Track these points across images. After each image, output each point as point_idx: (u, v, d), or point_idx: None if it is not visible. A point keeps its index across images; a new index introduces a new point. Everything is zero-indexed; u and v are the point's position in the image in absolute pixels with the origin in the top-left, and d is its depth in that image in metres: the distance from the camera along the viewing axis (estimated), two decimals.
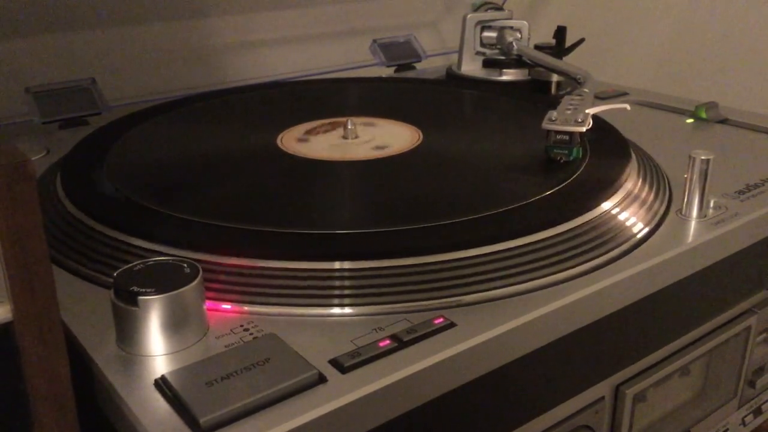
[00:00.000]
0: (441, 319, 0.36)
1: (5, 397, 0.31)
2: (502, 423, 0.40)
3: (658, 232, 0.46)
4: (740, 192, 0.52)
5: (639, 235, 0.45)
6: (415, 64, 0.96)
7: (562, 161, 0.52)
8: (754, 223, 0.49)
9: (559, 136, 0.52)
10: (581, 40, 0.84)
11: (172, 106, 0.70)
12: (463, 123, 0.67)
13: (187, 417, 0.30)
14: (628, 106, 0.57)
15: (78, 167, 0.53)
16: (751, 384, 0.58)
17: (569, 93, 0.60)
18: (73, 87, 0.73)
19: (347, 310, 0.38)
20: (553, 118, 0.52)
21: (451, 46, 1.01)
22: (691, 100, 0.74)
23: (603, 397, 0.46)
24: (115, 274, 0.35)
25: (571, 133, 0.52)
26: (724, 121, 0.68)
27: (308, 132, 0.61)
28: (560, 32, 0.84)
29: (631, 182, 0.50)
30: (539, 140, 0.53)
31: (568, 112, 0.53)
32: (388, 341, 0.35)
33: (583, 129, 0.51)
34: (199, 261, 0.37)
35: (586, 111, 0.53)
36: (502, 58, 0.83)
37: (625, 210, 0.47)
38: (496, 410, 0.39)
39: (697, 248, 0.45)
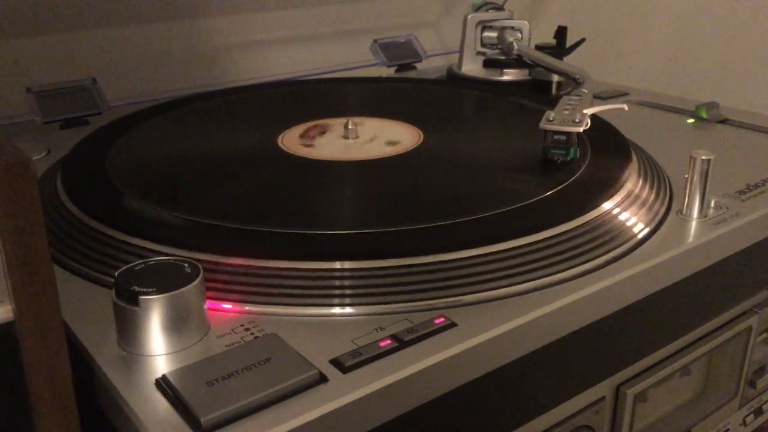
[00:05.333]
0: (442, 319, 0.36)
1: (6, 397, 0.31)
2: (502, 423, 0.40)
3: (658, 232, 0.46)
4: (741, 192, 0.52)
5: (639, 235, 0.45)
6: (415, 64, 0.96)
7: (559, 161, 0.52)
8: (754, 223, 0.49)
9: (556, 137, 0.52)
10: (582, 40, 0.84)
11: (172, 106, 0.70)
12: (463, 123, 0.67)
13: (188, 416, 0.30)
14: (625, 107, 0.57)
15: (79, 167, 0.53)
16: (752, 384, 0.58)
17: (568, 93, 0.60)
18: (74, 87, 0.73)
19: (348, 309, 0.38)
20: (551, 119, 0.52)
21: (451, 46, 1.01)
22: (691, 100, 0.74)
23: (603, 397, 0.46)
24: (116, 274, 0.35)
25: (568, 134, 0.52)
26: (724, 121, 0.68)
27: (302, 136, 0.60)
28: (561, 32, 0.84)
29: (632, 182, 0.50)
30: (540, 140, 0.53)
31: (566, 112, 0.53)
32: (388, 341, 0.35)
33: (581, 129, 0.51)
34: (199, 261, 0.37)
35: (584, 111, 0.53)
36: (503, 58, 0.83)
37: (625, 210, 0.47)
38: (496, 410, 0.39)
39: (698, 248, 0.45)
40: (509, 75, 0.82)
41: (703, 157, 0.46)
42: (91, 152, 0.56)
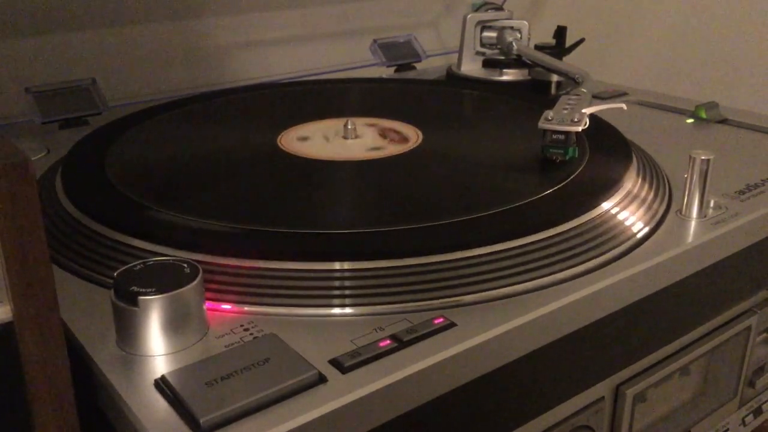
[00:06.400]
0: (441, 319, 0.36)
1: (5, 397, 0.31)
2: (502, 423, 0.40)
3: (658, 232, 0.46)
4: (740, 192, 0.52)
5: (639, 235, 0.45)
6: (415, 64, 0.96)
7: (558, 161, 0.52)
8: (754, 223, 0.49)
9: (555, 136, 0.52)
10: (581, 40, 0.84)
11: (172, 106, 0.70)
12: (463, 123, 0.67)
13: (187, 417, 0.30)
14: (624, 106, 0.57)
15: (78, 167, 0.53)
16: (751, 384, 0.58)
17: (567, 93, 0.60)
18: (73, 87, 0.73)
19: (347, 310, 0.38)
20: (550, 118, 0.52)
21: (451, 46, 1.01)
22: (691, 100, 0.74)
23: (603, 397, 0.46)
24: (115, 274, 0.35)
25: (566, 133, 0.52)
26: (724, 121, 0.68)
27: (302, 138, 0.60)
28: (560, 32, 0.84)
29: (631, 182, 0.50)
30: (539, 140, 0.53)
31: (565, 111, 0.53)
32: (388, 341, 0.35)
33: (579, 129, 0.51)
34: (199, 261, 0.37)
35: (583, 111, 0.53)
36: (502, 58, 0.83)
37: (625, 210, 0.47)
38: (496, 410, 0.39)
39: (697, 248, 0.45)
40: (509, 75, 0.82)
41: (703, 157, 0.46)
42: (90, 152, 0.56)
